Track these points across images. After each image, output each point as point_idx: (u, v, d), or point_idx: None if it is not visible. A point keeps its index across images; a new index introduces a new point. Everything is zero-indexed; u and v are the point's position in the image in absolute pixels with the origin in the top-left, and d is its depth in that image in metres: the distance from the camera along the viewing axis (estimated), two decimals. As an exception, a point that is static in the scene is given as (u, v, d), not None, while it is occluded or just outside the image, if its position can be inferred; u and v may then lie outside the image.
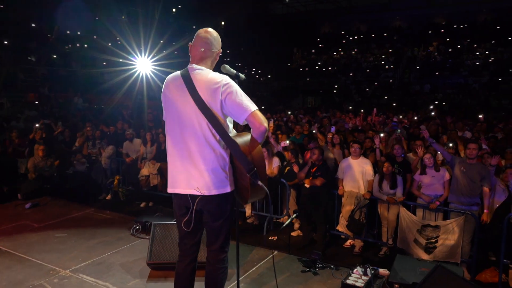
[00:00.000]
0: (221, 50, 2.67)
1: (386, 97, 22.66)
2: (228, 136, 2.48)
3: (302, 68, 27.65)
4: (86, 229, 5.67)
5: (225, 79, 2.49)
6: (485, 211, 5.14)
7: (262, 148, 6.79)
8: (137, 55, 10.40)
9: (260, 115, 2.40)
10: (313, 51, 29.63)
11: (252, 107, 2.41)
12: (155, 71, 10.72)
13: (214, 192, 2.51)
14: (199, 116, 2.49)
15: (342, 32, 30.54)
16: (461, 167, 5.24)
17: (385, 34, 28.52)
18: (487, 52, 24.26)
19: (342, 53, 28.50)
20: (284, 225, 4.67)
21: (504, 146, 6.97)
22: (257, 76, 27.51)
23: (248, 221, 7.22)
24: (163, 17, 19.50)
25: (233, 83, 2.48)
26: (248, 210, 6.93)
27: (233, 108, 2.44)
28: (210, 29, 2.62)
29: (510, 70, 22.04)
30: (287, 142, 7.38)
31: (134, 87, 11.48)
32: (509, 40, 24.06)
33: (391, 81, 24.29)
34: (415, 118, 11.17)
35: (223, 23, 26.83)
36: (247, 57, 27.81)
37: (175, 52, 14.50)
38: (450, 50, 25.38)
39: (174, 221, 3.35)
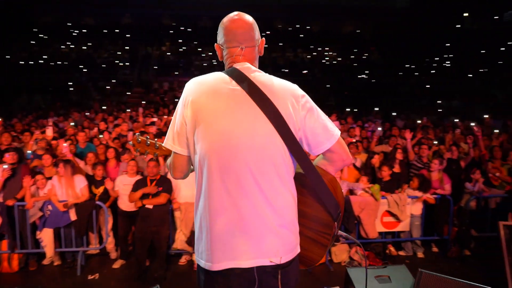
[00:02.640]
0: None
1: (128, 93, 22.20)
2: (314, 168, 1.69)
3: (24, 62, 23.46)
4: None
5: (298, 88, 1.74)
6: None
7: (63, 164, 5.35)
8: None
9: (343, 141, 1.77)
10: (34, 42, 25.62)
11: (337, 130, 1.74)
12: None
13: (290, 256, 1.68)
14: (276, 141, 1.64)
15: (69, 24, 27.67)
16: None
17: (116, 30, 27.67)
18: (210, 54, 27.48)
19: (72, 46, 25.87)
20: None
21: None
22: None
23: (45, 262, 5.57)
24: None
25: (308, 96, 1.74)
26: (50, 248, 5.31)
27: (315, 131, 1.70)
28: (241, 16, 1.78)
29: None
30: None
31: None
32: (228, 45, 27.97)
33: (131, 81, 23.84)
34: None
35: None
36: None
37: None
38: (180, 50, 27.21)
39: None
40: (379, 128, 8.14)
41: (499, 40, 22.49)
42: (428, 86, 21.72)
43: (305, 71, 26.24)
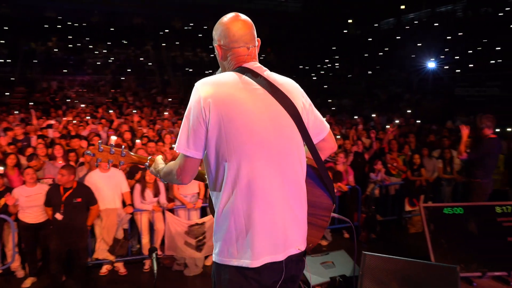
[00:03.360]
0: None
1: (7, 94, 19.85)
2: (321, 158, 1.83)
3: None
4: None
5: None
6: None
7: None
8: None
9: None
10: None
11: (326, 122, 1.91)
12: None
13: (305, 244, 1.79)
14: (297, 136, 1.76)
15: None
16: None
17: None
18: (104, 51, 25.90)
19: None
20: (154, 270, 3.59)
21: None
22: None
23: None
24: None
25: None
26: None
27: (315, 123, 1.85)
28: (240, 16, 1.83)
29: (128, 70, 24.59)
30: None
31: None
32: (123, 42, 26.66)
33: (12, 79, 21.31)
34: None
35: None
36: None
37: None
38: (70, 46, 25.13)
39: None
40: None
41: (378, 46, 25.19)
42: (326, 86, 23.39)
43: (207, 71, 26.28)
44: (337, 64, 25.98)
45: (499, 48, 17.03)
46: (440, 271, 3.32)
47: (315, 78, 25.82)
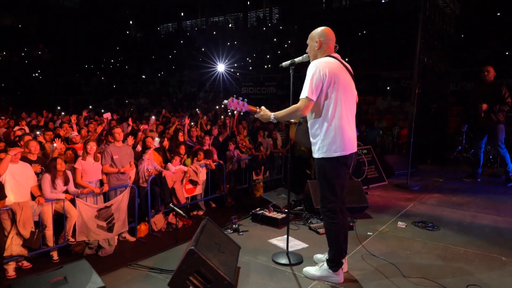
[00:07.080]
0: None
1: None
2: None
3: None
4: None
5: None
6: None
7: None
8: None
9: None
10: None
11: None
12: None
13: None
14: (355, 90, 3.23)
15: None
16: (115, 151, 6.03)
17: None
18: None
19: None
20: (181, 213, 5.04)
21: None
22: None
23: None
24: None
25: None
26: None
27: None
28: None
29: None
30: None
31: None
32: None
33: None
34: None
35: None
36: None
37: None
38: None
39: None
40: (153, 117, 9.23)
41: (163, 48, 26.71)
42: (115, 86, 23.25)
43: None
44: (126, 65, 26.06)
45: (268, 56, 21.26)
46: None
47: (103, 78, 25.24)
